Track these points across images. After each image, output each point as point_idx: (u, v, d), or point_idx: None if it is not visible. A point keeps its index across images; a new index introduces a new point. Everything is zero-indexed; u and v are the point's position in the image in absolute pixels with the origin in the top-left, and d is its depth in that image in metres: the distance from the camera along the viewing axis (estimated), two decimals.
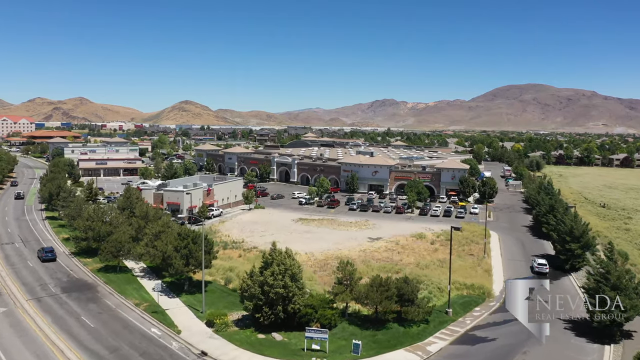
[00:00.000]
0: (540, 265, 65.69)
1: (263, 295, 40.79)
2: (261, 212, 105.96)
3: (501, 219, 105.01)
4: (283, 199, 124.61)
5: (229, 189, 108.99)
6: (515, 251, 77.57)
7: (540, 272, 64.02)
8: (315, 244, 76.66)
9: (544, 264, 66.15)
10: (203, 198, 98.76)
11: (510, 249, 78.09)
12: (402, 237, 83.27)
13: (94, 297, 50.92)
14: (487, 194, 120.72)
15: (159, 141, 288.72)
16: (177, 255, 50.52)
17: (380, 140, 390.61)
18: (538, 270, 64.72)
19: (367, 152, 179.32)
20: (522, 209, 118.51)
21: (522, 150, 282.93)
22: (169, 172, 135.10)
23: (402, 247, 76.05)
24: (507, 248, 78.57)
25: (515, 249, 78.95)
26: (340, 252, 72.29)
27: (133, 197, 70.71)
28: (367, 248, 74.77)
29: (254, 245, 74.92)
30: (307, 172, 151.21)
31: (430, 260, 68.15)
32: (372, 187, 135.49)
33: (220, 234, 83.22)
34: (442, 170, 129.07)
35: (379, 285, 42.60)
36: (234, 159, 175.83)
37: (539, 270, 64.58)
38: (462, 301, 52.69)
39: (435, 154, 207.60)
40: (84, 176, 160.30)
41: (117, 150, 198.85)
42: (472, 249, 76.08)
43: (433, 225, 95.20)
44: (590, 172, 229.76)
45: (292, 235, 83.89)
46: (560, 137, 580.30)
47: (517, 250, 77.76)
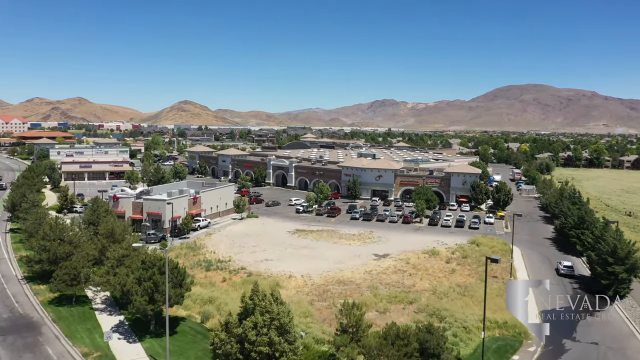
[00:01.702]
0: (567, 267, 64.51)
1: (242, 354, 30.58)
2: (254, 222, 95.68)
3: (519, 230, 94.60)
4: (279, 206, 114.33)
5: (218, 196, 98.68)
6: (544, 270, 67.19)
7: (566, 274, 63.19)
8: (313, 263, 66.41)
9: (571, 266, 64.98)
10: (188, 207, 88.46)
11: (538, 269, 67.68)
12: (412, 253, 73.00)
13: (34, 343, 40.55)
14: (501, 201, 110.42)
15: (153, 142, 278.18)
16: (139, 289, 40.23)
17: (382, 141, 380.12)
18: (565, 272, 63.70)
19: (369, 154, 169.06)
20: (540, 217, 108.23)
21: (528, 152, 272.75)
22: (156, 176, 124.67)
23: (413, 267, 65.77)
24: (533, 267, 68.19)
25: (544, 268, 68.52)
26: (342, 273, 62.04)
27: (101, 209, 60.43)
28: (373, 269, 64.47)
29: (242, 265, 64.55)
30: (306, 176, 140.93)
31: (449, 285, 57.84)
32: (375, 192, 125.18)
33: (205, 249, 72.93)
34: (451, 175, 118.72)
35: (395, 337, 32.35)
36: (227, 162, 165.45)
37: (565, 273, 63.58)
38: (495, 346, 42.39)
39: (441, 155, 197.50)
40: (67, 180, 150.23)
41: (106, 151, 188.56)
42: (495, 269, 65.73)
43: (445, 237, 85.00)
44: (602, 174, 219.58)
45: (286, 251, 73.62)
46: (563, 138, 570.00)
47: (545, 270, 67.33)
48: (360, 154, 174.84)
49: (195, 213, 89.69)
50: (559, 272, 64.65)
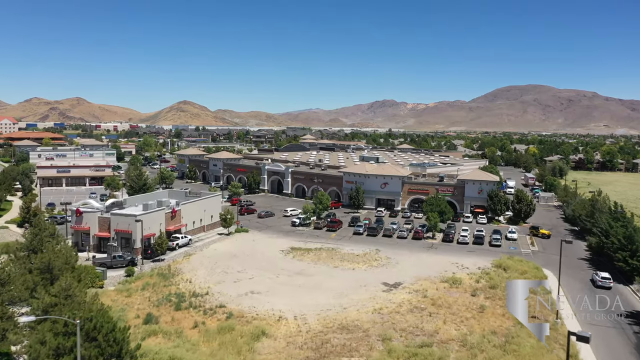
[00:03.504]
0: (604, 279, 60.89)
1: None
2: (243, 238, 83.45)
3: (548, 247, 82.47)
4: (273, 217, 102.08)
5: (202, 208, 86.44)
6: (592, 303, 54.83)
7: (603, 286, 59.79)
8: (310, 298, 54.17)
9: (608, 277, 61.39)
10: (166, 222, 76.23)
11: (585, 303, 55.26)
12: (428, 282, 60.81)
13: None
14: (522, 212, 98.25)
15: (144, 143, 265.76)
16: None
17: (383, 142, 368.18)
18: (601, 284, 60.15)
19: (372, 158, 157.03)
20: (567, 231, 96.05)
21: (538, 154, 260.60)
22: (137, 183, 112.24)
23: (432, 302, 53.51)
24: (579, 302, 55.63)
25: (591, 301, 56.07)
26: (345, 313, 49.80)
27: (43, 233, 48.38)
28: (383, 305, 52.17)
29: (221, 301, 52.21)
30: (303, 182, 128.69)
31: (481, 332, 45.60)
32: (380, 202, 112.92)
33: (180, 277, 60.69)
34: (466, 183, 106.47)
35: None
36: (219, 166, 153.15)
37: (602, 285, 60.09)
38: None
39: (448, 159, 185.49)
40: (44, 186, 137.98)
41: (91, 154, 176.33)
42: (532, 304, 53.38)
43: (464, 258, 72.90)
44: (618, 178, 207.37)
45: (278, 279, 61.37)
46: (565, 139, 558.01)
47: (595, 305, 54.97)
48: (363, 157, 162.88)
49: (174, 229, 77.49)
50: (596, 284, 61.30)
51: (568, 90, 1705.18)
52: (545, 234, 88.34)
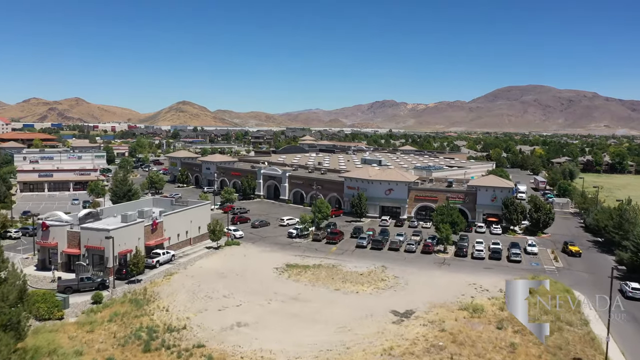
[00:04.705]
0: (635, 290, 57.74)
1: None
2: (233, 253, 74.93)
3: (573, 263, 73.96)
4: (268, 227, 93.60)
5: (188, 218, 77.81)
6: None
7: (634, 297, 56.68)
8: (306, 333, 45.63)
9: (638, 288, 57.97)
10: (145, 236, 67.68)
11: (632, 340, 46.70)
12: (444, 309, 52.29)
13: None
14: (541, 222, 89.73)
15: (137, 144, 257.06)
16: None
17: (384, 143, 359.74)
18: (632, 295, 56.91)
19: (374, 160, 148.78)
20: (590, 243, 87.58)
21: (545, 156, 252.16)
22: (121, 189, 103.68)
23: (452, 337, 44.97)
24: (627, 338, 46.99)
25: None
26: (349, 355, 41.22)
27: None
28: (394, 343, 43.62)
29: (200, 339, 43.59)
30: (301, 187, 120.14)
31: None
32: (385, 209, 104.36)
33: (157, 304, 52.10)
34: (478, 189, 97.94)
35: None
36: (212, 169, 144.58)
37: (632, 296, 56.84)
38: None
39: (453, 161, 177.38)
40: (25, 192, 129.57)
41: (79, 157, 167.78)
42: (570, 341, 44.93)
43: (481, 277, 64.50)
44: (630, 182, 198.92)
45: (270, 305, 52.82)
46: (566, 139, 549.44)
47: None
48: (365, 159, 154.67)
49: (155, 243, 68.92)
50: (626, 295, 56.57)
51: (568, 91, 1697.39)
52: (576, 251, 78.10)
